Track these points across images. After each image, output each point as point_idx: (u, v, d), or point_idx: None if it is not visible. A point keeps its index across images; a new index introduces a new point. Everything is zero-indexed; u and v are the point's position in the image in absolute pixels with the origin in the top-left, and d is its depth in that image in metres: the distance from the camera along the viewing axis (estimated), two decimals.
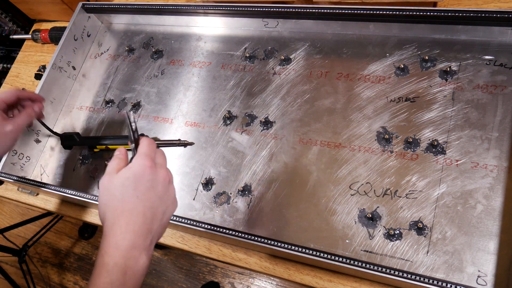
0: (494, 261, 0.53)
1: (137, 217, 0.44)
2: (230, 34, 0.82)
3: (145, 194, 0.45)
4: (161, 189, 0.47)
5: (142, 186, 0.45)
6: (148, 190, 0.45)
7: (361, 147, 0.64)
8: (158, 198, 0.46)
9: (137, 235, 0.43)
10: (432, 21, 0.65)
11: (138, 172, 0.46)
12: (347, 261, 0.53)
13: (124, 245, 0.43)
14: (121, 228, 0.43)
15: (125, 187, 0.45)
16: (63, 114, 0.88)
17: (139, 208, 0.44)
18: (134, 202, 0.45)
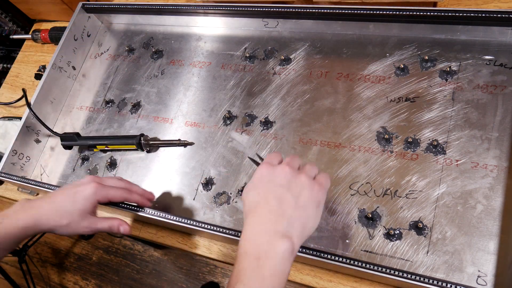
0: (494, 261, 0.53)
1: (262, 208, 0.47)
2: (230, 34, 0.82)
3: (265, 188, 0.49)
4: (282, 179, 0.49)
5: (261, 184, 0.50)
6: (267, 184, 0.49)
7: (361, 147, 0.64)
8: (280, 186, 0.48)
9: (264, 223, 0.46)
10: (432, 21, 0.65)
11: (258, 175, 0.51)
12: (347, 261, 0.53)
13: (253, 233, 0.46)
14: (252, 219, 0.48)
15: (250, 190, 0.50)
16: (63, 114, 0.88)
17: (262, 201, 0.48)
18: (256, 199, 0.49)
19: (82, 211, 0.58)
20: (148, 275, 1.75)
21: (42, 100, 0.83)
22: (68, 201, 0.57)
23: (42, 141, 0.85)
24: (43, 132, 0.84)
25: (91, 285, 1.81)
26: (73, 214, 0.57)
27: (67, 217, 0.57)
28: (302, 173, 0.50)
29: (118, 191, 0.62)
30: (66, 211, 0.57)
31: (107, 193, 0.60)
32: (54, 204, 0.57)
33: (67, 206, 0.57)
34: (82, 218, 0.58)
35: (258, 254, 0.44)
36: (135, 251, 1.82)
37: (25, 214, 0.56)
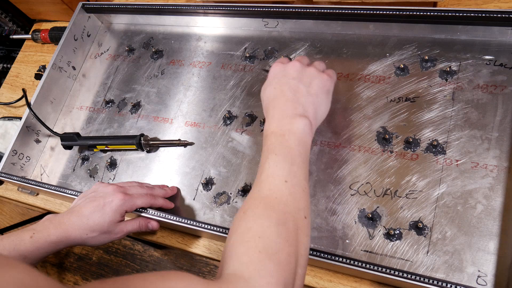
0: (494, 261, 0.53)
1: (279, 99, 0.55)
2: (230, 34, 0.82)
3: (279, 82, 0.57)
4: (293, 72, 0.57)
5: (276, 79, 0.57)
6: (280, 79, 0.57)
7: (361, 147, 0.64)
8: (292, 79, 0.56)
9: (283, 109, 0.53)
10: (432, 21, 0.65)
11: (272, 72, 0.59)
12: (347, 261, 0.53)
13: (275, 117, 0.53)
14: (273, 109, 0.55)
15: (266, 86, 0.58)
16: (63, 114, 0.88)
17: (277, 92, 0.56)
18: (273, 91, 0.56)
19: (111, 222, 0.60)
20: None
21: (42, 100, 0.83)
22: (97, 214, 0.59)
23: (42, 141, 0.85)
24: (43, 132, 0.84)
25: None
26: (103, 226, 0.59)
27: (98, 229, 0.59)
28: (311, 66, 0.58)
29: (144, 198, 0.63)
30: (97, 224, 0.59)
31: (135, 203, 0.62)
32: (84, 218, 0.58)
33: (97, 219, 0.59)
34: (113, 228, 0.60)
35: (283, 132, 0.51)
36: (135, 251, 1.82)
37: (56, 229, 0.57)
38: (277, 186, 0.47)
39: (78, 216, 0.59)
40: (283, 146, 0.50)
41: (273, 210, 0.45)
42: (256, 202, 0.47)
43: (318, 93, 0.56)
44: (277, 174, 0.48)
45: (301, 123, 0.51)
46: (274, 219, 0.44)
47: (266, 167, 0.49)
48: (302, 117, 0.52)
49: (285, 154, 0.49)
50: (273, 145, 0.50)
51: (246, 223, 0.45)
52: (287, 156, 0.49)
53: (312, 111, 0.54)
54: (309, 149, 0.52)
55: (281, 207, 0.45)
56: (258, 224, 0.44)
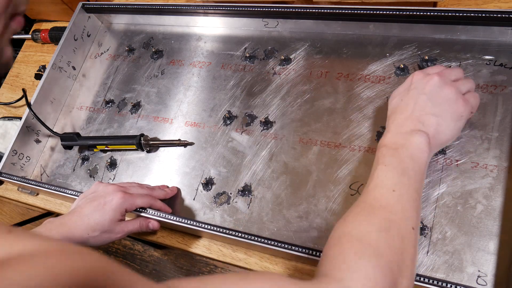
0: (494, 261, 0.53)
1: (401, 113, 0.53)
2: (230, 34, 0.82)
3: (409, 93, 0.53)
4: (430, 86, 0.52)
5: (411, 91, 0.54)
6: (412, 91, 0.53)
7: (361, 147, 0.64)
8: (424, 94, 0.52)
9: (401, 123, 0.51)
10: (432, 21, 0.65)
11: (408, 82, 0.56)
12: None
13: (391, 131, 0.52)
14: (392, 121, 0.54)
15: (395, 95, 0.56)
16: (63, 114, 0.88)
17: (402, 105, 0.54)
18: (400, 103, 0.54)
19: (112, 221, 0.60)
20: (148, 275, 1.75)
21: (42, 100, 0.83)
22: (98, 213, 0.59)
23: (42, 141, 0.85)
24: (43, 132, 0.84)
25: None
26: (104, 225, 0.59)
27: (99, 229, 0.59)
28: (451, 85, 0.52)
29: (144, 198, 0.63)
30: (97, 223, 0.59)
31: (134, 202, 0.62)
32: (85, 218, 0.59)
33: (97, 218, 0.59)
34: (113, 227, 0.60)
35: (396, 146, 0.49)
36: (135, 251, 1.82)
37: (58, 231, 0.58)
38: (383, 195, 0.46)
39: (79, 216, 0.59)
40: (393, 158, 0.48)
41: (376, 216, 0.44)
42: (358, 209, 0.46)
43: (446, 116, 0.51)
44: (385, 184, 0.46)
45: (417, 138, 0.49)
46: (376, 225, 0.43)
47: (374, 177, 0.48)
48: (420, 133, 0.49)
49: (395, 165, 0.47)
50: (384, 157, 0.49)
51: (345, 228, 0.44)
52: (397, 167, 0.47)
53: (432, 130, 0.50)
54: (423, 167, 0.48)
55: (385, 215, 0.44)
56: (358, 229, 0.43)
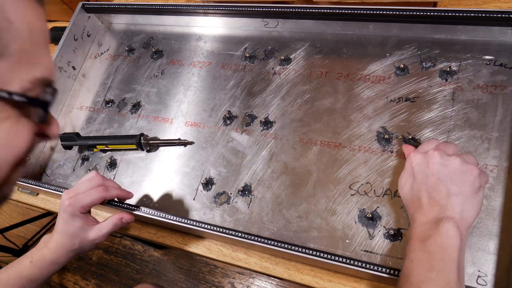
0: (494, 261, 0.53)
1: (418, 204, 0.51)
2: (230, 34, 0.82)
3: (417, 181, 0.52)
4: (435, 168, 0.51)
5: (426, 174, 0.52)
6: (418, 175, 0.52)
7: (361, 147, 0.64)
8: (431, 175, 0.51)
9: (422, 213, 0.50)
10: (432, 21, 0.65)
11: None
12: (347, 261, 0.53)
13: (420, 221, 0.49)
14: (410, 214, 0.52)
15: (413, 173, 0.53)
16: (63, 114, 0.88)
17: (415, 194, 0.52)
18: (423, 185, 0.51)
19: (79, 227, 0.60)
20: (148, 275, 1.75)
21: None
22: (64, 224, 0.60)
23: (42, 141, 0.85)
24: None
25: (91, 285, 1.81)
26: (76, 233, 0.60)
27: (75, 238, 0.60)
28: (455, 157, 0.51)
29: (94, 193, 0.61)
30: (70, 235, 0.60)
31: (80, 200, 0.61)
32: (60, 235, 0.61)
33: (66, 228, 0.60)
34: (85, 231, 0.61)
35: (423, 237, 0.47)
36: (135, 251, 1.82)
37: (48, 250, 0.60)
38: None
39: (57, 233, 0.61)
40: (420, 252, 0.46)
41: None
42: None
43: (463, 191, 0.49)
44: (411, 281, 0.45)
45: (444, 227, 0.46)
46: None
47: (403, 272, 0.48)
48: (445, 220, 0.47)
49: (422, 260, 0.46)
50: (411, 252, 0.48)
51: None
52: (424, 262, 0.46)
53: (458, 211, 0.47)
54: (456, 256, 0.45)
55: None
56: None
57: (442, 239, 0.46)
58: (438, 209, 0.48)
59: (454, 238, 0.45)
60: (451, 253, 0.45)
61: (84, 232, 0.61)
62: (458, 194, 0.48)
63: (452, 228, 0.46)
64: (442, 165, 0.50)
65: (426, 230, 0.47)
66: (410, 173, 0.53)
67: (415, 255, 0.47)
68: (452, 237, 0.46)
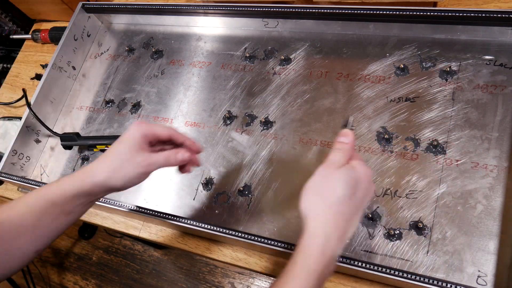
0: (494, 261, 0.53)
1: (345, 222, 0.45)
2: (230, 34, 0.82)
3: (361, 201, 0.46)
4: (365, 201, 0.47)
5: (360, 193, 0.46)
6: (362, 199, 0.46)
7: (361, 147, 0.64)
8: (361, 209, 0.47)
9: (339, 241, 0.44)
10: (432, 21, 0.65)
11: (361, 177, 0.46)
12: (347, 261, 0.53)
13: (328, 254, 0.43)
14: (331, 232, 0.44)
15: (349, 187, 0.45)
16: (63, 114, 0.88)
17: (349, 215, 0.45)
18: (349, 206, 0.45)
19: (130, 148, 0.52)
20: (148, 275, 1.75)
21: (42, 100, 0.83)
22: (115, 146, 0.53)
23: (42, 141, 0.85)
24: (43, 132, 0.84)
25: (91, 285, 1.81)
26: (121, 154, 0.52)
27: (116, 159, 0.52)
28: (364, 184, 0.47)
29: (165, 128, 0.55)
30: (114, 153, 0.52)
31: (152, 128, 0.54)
32: (105, 155, 0.52)
33: (115, 150, 0.52)
34: (133, 156, 0.52)
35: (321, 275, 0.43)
36: (135, 251, 1.82)
37: (80, 171, 0.52)
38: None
39: (102, 156, 0.53)
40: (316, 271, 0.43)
41: None
42: None
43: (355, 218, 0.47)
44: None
45: (339, 251, 0.45)
46: None
47: None
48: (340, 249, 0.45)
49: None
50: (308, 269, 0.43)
51: None
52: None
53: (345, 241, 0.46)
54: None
55: None
56: None
57: (327, 277, 0.44)
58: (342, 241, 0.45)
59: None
60: None
61: (131, 156, 0.52)
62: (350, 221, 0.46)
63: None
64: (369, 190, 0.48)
65: (327, 266, 0.43)
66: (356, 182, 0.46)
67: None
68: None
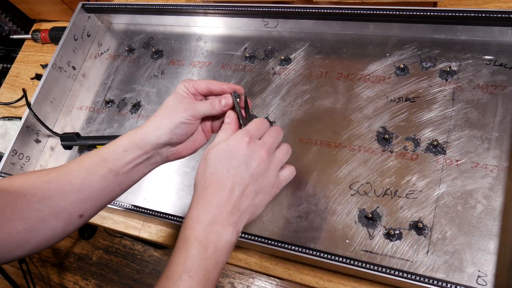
0: (494, 261, 0.53)
1: (223, 191, 0.43)
2: (230, 34, 0.82)
3: (236, 170, 0.44)
4: (256, 167, 0.44)
5: (235, 160, 0.44)
6: (239, 166, 0.44)
7: (361, 147, 0.64)
8: (250, 176, 0.44)
9: (220, 209, 0.42)
10: (432, 21, 0.65)
11: (233, 146, 0.45)
12: (347, 261, 0.53)
13: (206, 219, 0.42)
14: (205, 201, 0.43)
15: (219, 159, 0.44)
16: (63, 114, 0.88)
17: (227, 183, 0.43)
18: (223, 176, 0.43)
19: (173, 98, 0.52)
20: (148, 275, 1.75)
21: (42, 100, 0.83)
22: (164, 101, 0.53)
23: (42, 141, 0.85)
24: (43, 132, 0.84)
25: (91, 285, 1.81)
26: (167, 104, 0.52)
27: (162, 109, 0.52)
28: (273, 165, 0.46)
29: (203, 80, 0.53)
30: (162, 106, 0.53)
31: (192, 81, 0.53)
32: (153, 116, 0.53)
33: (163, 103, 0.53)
34: (177, 104, 0.51)
35: (207, 243, 0.41)
36: (135, 251, 1.82)
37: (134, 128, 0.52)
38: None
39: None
40: (202, 266, 0.40)
41: None
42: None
43: (262, 203, 0.46)
44: None
45: (231, 239, 0.42)
46: None
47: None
48: (234, 231, 0.43)
49: (201, 278, 0.40)
50: (191, 263, 0.40)
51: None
52: (202, 281, 0.40)
53: (245, 221, 0.44)
54: (224, 264, 0.43)
55: None
56: None
57: (223, 252, 0.43)
58: (234, 212, 0.43)
59: (229, 253, 0.44)
60: (221, 270, 0.43)
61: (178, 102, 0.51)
62: (257, 205, 0.46)
63: (233, 239, 0.44)
64: (264, 169, 0.46)
65: (212, 234, 0.42)
66: (227, 155, 0.45)
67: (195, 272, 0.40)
68: (228, 252, 0.44)
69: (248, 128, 0.46)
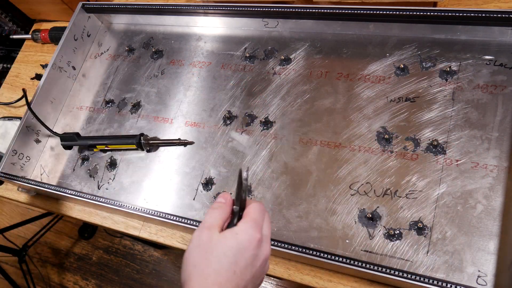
0: (494, 261, 0.53)
1: None
2: (230, 34, 0.82)
3: (243, 272, 0.40)
4: (259, 267, 0.42)
5: (244, 261, 0.40)
6: (246, 267, 0.41)
7: (361, 147, 0.64)
8: (252, 277, 0.41)
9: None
10: (432, 21, 0.65)
11: (244, 245, 0.41)
12: (347, 261, 0.53)
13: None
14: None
15: (226, 257, 0.40)
16: (63, 114, 0.88)
17: (231, 285, 0.39)
18: (229, 278, 0.39)
19: None
20: (148, 275, 1.75)
21: (42, 100, 0.83)
22: None
23: (42, 141, 0.85)
24: (43, 132, 0.84)
25: (91, 285, 1.81)
26: None
27: None
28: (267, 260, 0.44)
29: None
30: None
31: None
32: None
33: None
34: None
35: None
36: (135, 251, 1.82)
37: None
38: None
39: None
40: None
41: None
42: None
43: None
44: None
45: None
46: None
47: None
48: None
49: None
50: None
51: None
52: None
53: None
54: None
55: None
56: None
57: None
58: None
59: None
60: None
61: None
62: None
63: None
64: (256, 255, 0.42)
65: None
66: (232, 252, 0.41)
67: None
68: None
69: (256, 220, 0.43)
